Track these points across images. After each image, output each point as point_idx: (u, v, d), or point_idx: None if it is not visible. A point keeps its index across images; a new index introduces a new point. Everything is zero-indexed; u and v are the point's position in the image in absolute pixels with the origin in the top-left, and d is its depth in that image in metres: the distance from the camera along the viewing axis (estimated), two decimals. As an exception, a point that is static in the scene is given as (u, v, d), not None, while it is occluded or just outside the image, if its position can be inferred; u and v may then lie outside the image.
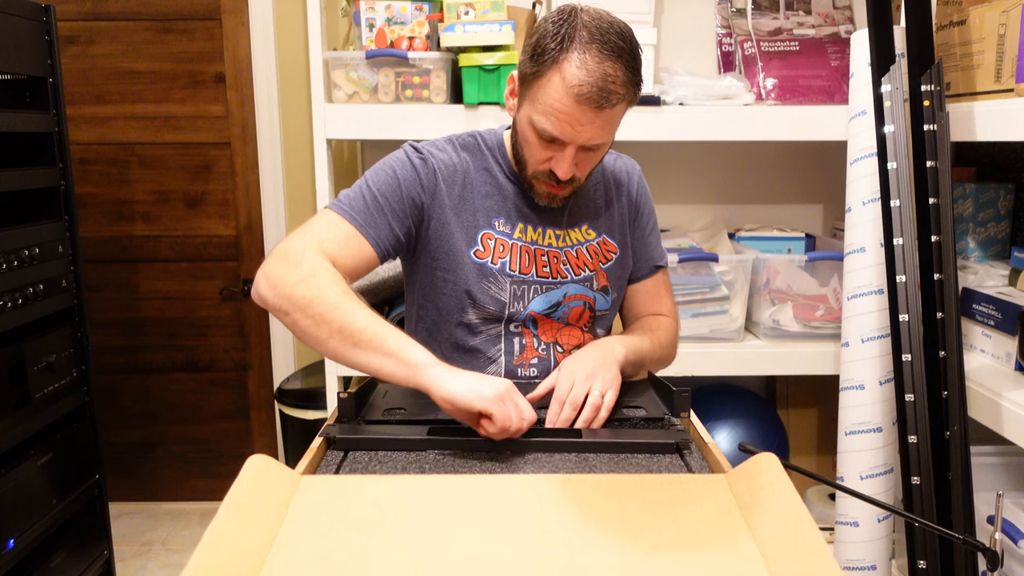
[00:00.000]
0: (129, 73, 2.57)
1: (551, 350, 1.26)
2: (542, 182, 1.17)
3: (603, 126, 1.08)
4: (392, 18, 2.02)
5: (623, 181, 1.33)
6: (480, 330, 1.23)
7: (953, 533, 1.10)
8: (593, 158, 1.15)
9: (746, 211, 2.47)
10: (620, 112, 1.10)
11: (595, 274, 1.27)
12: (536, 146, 1.12)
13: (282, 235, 2.64)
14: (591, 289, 1.27)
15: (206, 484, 2.82)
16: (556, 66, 1.05)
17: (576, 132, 1.07)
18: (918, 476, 1.65)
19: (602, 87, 1.03)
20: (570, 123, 1.06)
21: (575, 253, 1.26)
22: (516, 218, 1.24)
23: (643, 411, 1.13)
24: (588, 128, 1.07)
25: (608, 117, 1.07)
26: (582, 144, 1.09)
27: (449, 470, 0.95)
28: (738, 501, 0.82)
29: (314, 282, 1.05)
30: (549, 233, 1.25)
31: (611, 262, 1.29)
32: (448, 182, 1.21)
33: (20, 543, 1.76)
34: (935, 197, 1.65)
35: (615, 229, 1.31)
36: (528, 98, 1.11)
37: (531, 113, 1.10)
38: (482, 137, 1.28)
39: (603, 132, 1.09)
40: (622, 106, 1.09)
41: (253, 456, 0.84)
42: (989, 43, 1.63)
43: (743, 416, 2.26)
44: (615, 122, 1.11)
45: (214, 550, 0.69)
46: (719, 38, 2.30)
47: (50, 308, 1.92)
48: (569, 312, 1.26)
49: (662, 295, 1.38)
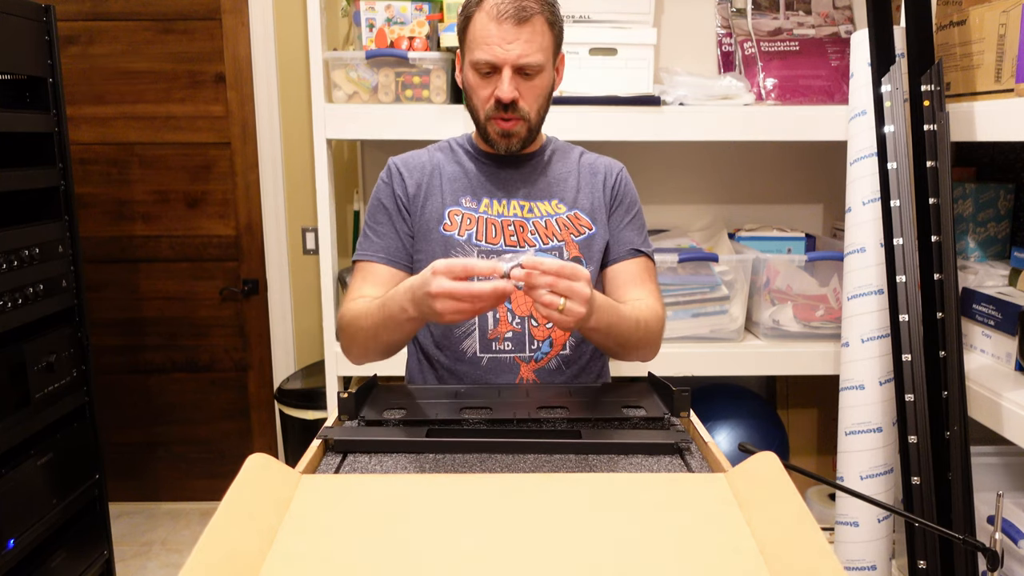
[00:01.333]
0: (129, 73, 2.57)
1: (525, 323, 1.28)
2: (494, 120, 1.25)
3: (529, 41, 1.20)
4: (392, 18, 2.02)
5: (602, 171, 1.37)
6: None
7: (953, 533, 1.10)
8: (533, 88, 1.24)
9: (746, 211, 2.47)
10: (542, 30, 1.21)
11: (564, 244, 1.30)
12: (480, 86, 1.24)
13: (282, 235, 2.65)
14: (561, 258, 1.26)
15: (206, 484, 2.82)
16: (478, 7, 1.21)
17: (506, 51, 1.19)
18: (918, 476, 1.65)
19: (518, 5, 1.18)
20: (499, 43, 1.19)
21: (543, 224, 1.31)
22: (482, 194, 1.32)
23: (643, 411, 1.13)
24: (515, 45, 1.19)
25: (531, 32, 1.19)
26: (514, 63, 1.20)
27: (449, 470, 0.95)
28: (738, 500, 0.82)
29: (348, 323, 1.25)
30: (514, 205, 1.31)
31: (584, 236, 1.31)
32: (416, 179, 1.33)
33: (20, 543, 1.76)
34: (935, 197, 1.65)
35: (590, 209, 1.34)
36: (466, 50, 1.25)
37: (469, 58, 1.24)
38: (455, 139, 1.39)
39: (530, 47, 1.20)
40: (542, 23, 1.21)
41: (253, 455, 0.84)
42: (989, 43, 1.63)
43: (743, 416, 2.26)
44: (541, 42, 1.21)
45: (213, 548, 0.69)
46: (719, 38, 2.30)
47: (50, 308, 1.92)
48: None
49: (645, 281, 1.34)
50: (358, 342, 1.24)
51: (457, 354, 1.30)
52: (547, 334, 1.30)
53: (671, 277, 2.05)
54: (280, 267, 2.66)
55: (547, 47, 1.23)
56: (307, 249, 2.66)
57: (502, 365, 1.29)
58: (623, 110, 1.98)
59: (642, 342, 1.25)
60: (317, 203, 2.06)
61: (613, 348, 1.25)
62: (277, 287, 2.67)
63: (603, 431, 1.06)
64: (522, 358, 1.29)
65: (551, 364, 1.30)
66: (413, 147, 1.41)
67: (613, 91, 1.99)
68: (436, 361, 1.33)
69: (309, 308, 2.69)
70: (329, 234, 2.07)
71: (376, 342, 1.21)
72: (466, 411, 1.12)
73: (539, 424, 1.08)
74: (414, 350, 1.40)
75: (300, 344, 2.73)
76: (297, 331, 2.72)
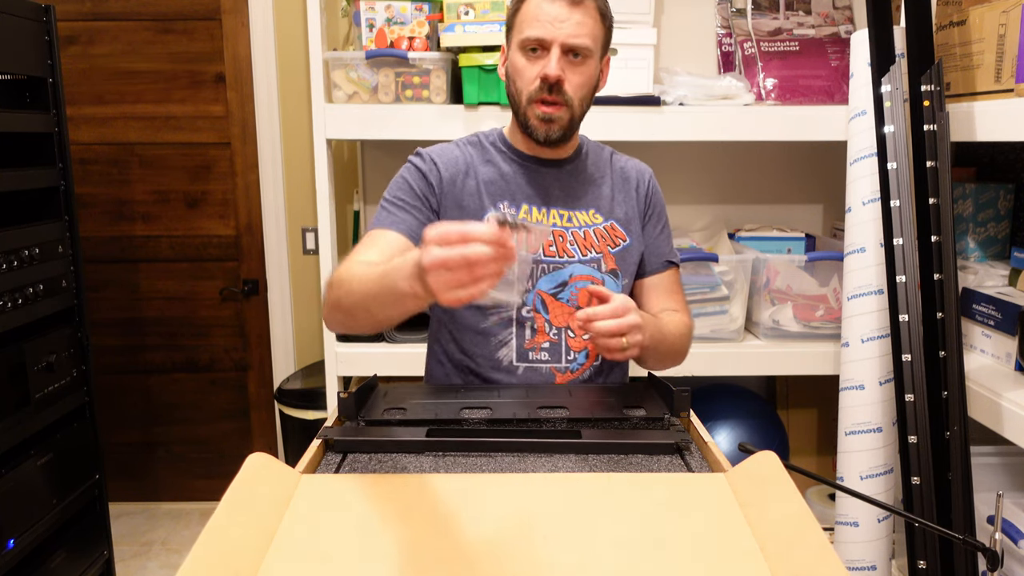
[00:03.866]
0: (129, 73, 2.57)
1: (562, 334, 1.27)
2: (536, 105, 1.22)
3: (581, 24, 1.18)
4: (392, 18, 2.02)
5: (633, 178, 1.36)
6: (492, 312, 1.26)
7: (953, 533, 1.10)
8: (579, 74, 1.21)
9: (746, 211, 2.47)
10: (594, 16, 1.20)
11: (602, 256, 1.29)
12: (526, 67, 1.21)
13: (282, 235, 2.65)
14: (598, 271, 1.28)
15: (206, 484, 2.82)
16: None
17: (557, 28, 1.18)
18: (918, 476, 1.65)
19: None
20: (550, 21, 1.18)
21: (582, 235, 1.29)
22: (521, 199, 1.28)
23: (643, 411, 1.13)
24: (567, 25, 1.18)
25: (583, 14, 1.18)
26: (564, 42, 1.18)
27: (449, 470, 0.95)
28: (738, 499, 0.82)
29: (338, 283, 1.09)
30: (554, 213, 1.29)
31: (620, 247, 1.31)
32: (451, 173, 1.28)
33: (20, 543, 1.76)
34: (935, 197, 1.65)
35: (625, 219, 1.33)
36: (514, 34, 1.23)
37: (517, 38, 1.22)
38: (483, 134, 1.35)
39: (581, 29, 1.18)
40: (594, 10, 1.20)
41: (253, 455, 0.84)
42: (989, 43, 1.63)
43: (743, 416, 2.26)
44: (592, 29, 1.20)
45: (212, 547, 0.69)
46: (719, 38, 2.30)
47: (50, 308, 1.92)
48: (577, 294, 1.26)
49: (675, 292, 1.39)
50: (343, 307, 1.07)
51: (493, 362, 1.27)
52: (583, 345, 1.28)
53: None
54: (280, 267, 2.66)
55: (597, 36, 1.21)
56: (307, 249, 2.66)
57: (538, 375, 1.27)
58: (623, 110, 1.98)
59: (677, 356, 1.33)
60: (317, 203, 2.06)
61: (649, 361, 1.29)
62: (277, 287, 2.67)
63: (603, 431, 1.06)
64: (558, 368, 1.28)
65: (586, 374, 1.30)
66: (413, 147, 1.37)
67: (613, 91, 1.99)
68: (466, 367, 1.30)
69: (309, 308, 2.68)
70: (329, 234, 2.07)
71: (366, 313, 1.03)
72: (466, 411, 1.12)
73: (539, 424, 1.08)
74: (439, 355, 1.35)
75: (300, 344, 2.73)
76: (297, 331, 2.72)
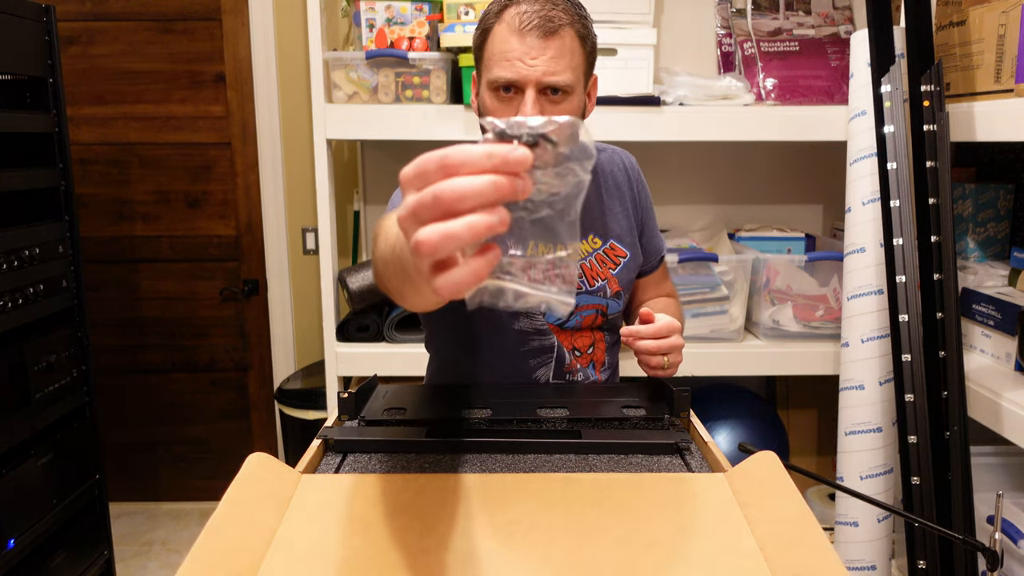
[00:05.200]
0: (129, 73, 2.57)
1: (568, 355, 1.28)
2: None
3: (557, 58, 1.03)
4: (392, 18, 2.02)
5: (621, 179, 1.29)
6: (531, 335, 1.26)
7: (953, 533, 1.10)
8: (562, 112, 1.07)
9: (746, 211, 2.47)
10: (572, 46, 1.05)
11: (607, 282, 1.26)
12: (498, 111, 1.07)
13: (282, 235, 2.65)
14: (604, 297, 1.27)
15: (206, 484, 2.82)
16: (498, 20, 1.06)
17: (530, 68, 1.03)
18: (918, 476, 1.65)
19: (543, 14, 1.03)
20: (521, 59, 1.03)
21: (588, 265, 1.25)
22: None
23: (643, 411, 1.13)
24: (541, 61, 1.03)
25: (559, 46, 1.04)
26: (539, 80, 1.04)
27: (449, 469, 0.95)
28: (738, 499, 0.82)
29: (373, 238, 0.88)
30: None
31: (620, 266, 1.28)
32: None
33: (20, 543, 1.76)
34: (935, 197, 1.65)
35: (620, 232, 1.28)
36: (483, 69, 1.09)
37: (487, 77, 1.07)
38: None
39: (559, 66, 1.04)
40: (572, 37, 1.05)
41: (253, 454, 0.84)
42: (989, 43, 1.63)
43: (743, 416, 2.26)
44: (570, 59, 1.05)
45: (213, 546, 0.69)
46: (719, 38, 2.30)
47: (50, 308, 1.92)
48: (582, 320, 1.27)
49: (665, 278, 1.42)
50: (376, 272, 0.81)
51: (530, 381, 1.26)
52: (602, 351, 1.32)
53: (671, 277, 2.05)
54: (280, 267, 2.66)
55: (577, 65, 1.07)
56: (307, 249, 2.66)
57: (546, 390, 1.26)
58: (623, 110, 1.98)
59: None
60: (317, 203, 2.06)
61: None
62: (277, 287, 2.67)
63: (603, 431, 1.06)
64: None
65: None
66: (413, 147, 1.39)
67: (613, 91, 2.00)
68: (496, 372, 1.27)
69: (309, 308, 2.69)
70: (329, 234, 2.07)
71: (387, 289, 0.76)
72: (466, 411, 1.12)
73: (539, 424, 1.08)
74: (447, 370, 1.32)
75: (300, 344, 2.73)
76: (297, 331, 2.72)
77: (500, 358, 1.25)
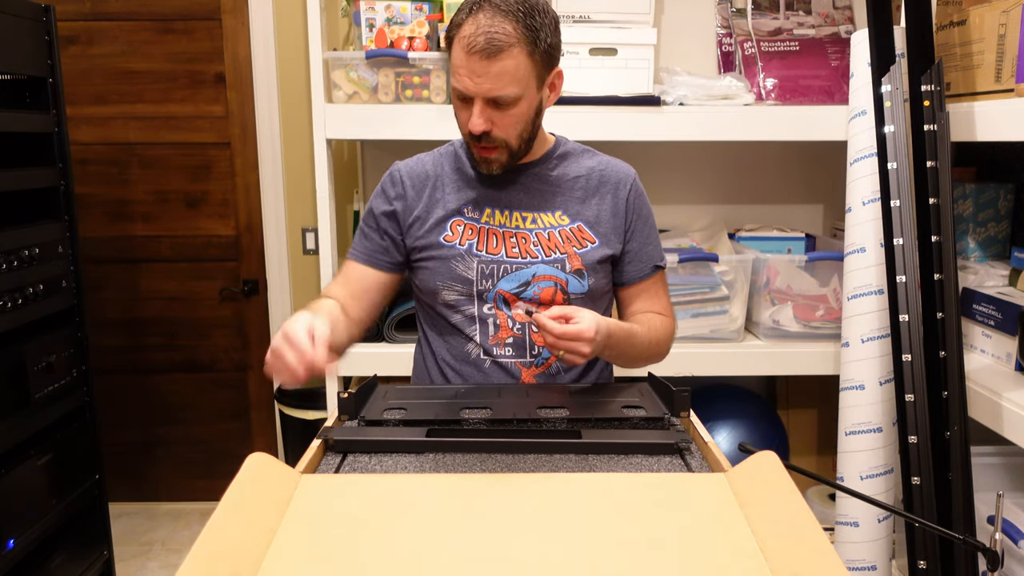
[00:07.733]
0: (129, 73, 2.57)
1: (526, 329, 1.29)
2: (473, 147, 1.25)
3: (499, 76, 1.14)
4: (392, 18, 2.02)
5: (613, 182, 1.34)
6: (458, 309, 1.30)
7: (953, 533, 1.10)
8: (509, 117, 1.20)
9: (746, 211, 2.47)
10: (517, 63, 1.15)
11: (567, 256, 1.29)
12: (460, 111, 1.22)
13: (282, 235, 2.65)
14: (562, 271, 1.28)
15: (206, 484, 2.82)
16: (457, 32, 1.16)
17: (476, 84, 1.16)
18: (918, 476, 1.65)
19: (489, 38, 1.12)
20: (469, 76, 1.16)
21: (546, 235, 1.30)
22: (484, 203, 1.31)
23: (643, 411, 1.13)
24: (485, 80, 1.15)
25: (501, 68, 1.14)
26: (485, 95, 1.16)
27: (449, 470, 0.95)
28: (738, 499, 0.82)
29: None
30: (516, 216, 1.31)
31: (587, 248, 1.30)
32: (417, 187, 1.33)
33: (20, 543, 1.76)
34: (935, 197, 1.65)
35: (595, 221, 1.32)
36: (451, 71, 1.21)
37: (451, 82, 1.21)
38: (459, 141, 1.37)
39: (501, 83, 1.15)
40: (518, 54, 1.15)
41: (253, 454, 0.84)
42: (989, 43, 1.63)
43: (743, 416, 2.26)
44: (514, 75, 1.16)
45: (213, 546, 0.69)
46: (719, 38, 2.30)
47: (50, 308, 1.92)
48: (540, 292, 1.28)
49: (659, 295, 1.39)
50: None
51: (462, 355, 1.31)
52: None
53: (671, 277, 2.05)
54: (280, 267, 2.66)
55: (523, 77, 1.17)
56: (307, 249, 2.66)
57: (504, 369, 1.30)
58: (623, 110, 1.98)
59: (652, 358, 1.35)
60: (317, 203, 2.06)
61: (619, 362, 1.34)
62: (277, 287, 2.67)
63: (603, 431, 1.06)
64: (523, 363, 1.29)
65: (552, 369, 1.31)
66: (413, 147, 1.40)
67: (613, 91, 1.99)
68: (443, 359, 1.34)
69: (309, 308, 2.68)
70: (329, 234, 2.07)
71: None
72: (466, 411, 1.12)
73: (539, 424, 1.08)
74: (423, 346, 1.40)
75: (300, 344, 2.72)
76: (297, 331, 2.71)
77: (437, 324, 1.35)
